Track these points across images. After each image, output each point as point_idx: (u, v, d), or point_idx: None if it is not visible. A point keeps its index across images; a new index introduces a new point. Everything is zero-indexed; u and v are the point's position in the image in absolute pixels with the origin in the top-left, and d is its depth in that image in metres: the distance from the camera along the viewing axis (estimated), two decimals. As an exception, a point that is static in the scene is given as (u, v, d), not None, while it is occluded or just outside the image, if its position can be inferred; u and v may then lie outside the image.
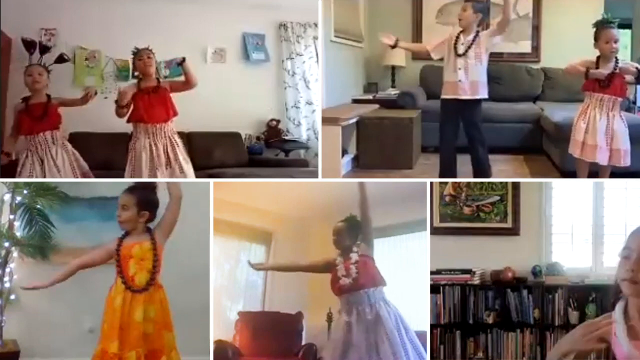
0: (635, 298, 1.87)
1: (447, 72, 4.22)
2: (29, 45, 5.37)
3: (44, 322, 4.24)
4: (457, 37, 4.18)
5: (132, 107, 4.16)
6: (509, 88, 6.83)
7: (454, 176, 4.42)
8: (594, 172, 4.15)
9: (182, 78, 4.42)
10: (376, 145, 5.42)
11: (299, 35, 6.53)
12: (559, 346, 2.02)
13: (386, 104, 6.35)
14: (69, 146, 4.21)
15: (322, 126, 4.80)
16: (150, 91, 4.17)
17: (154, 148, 4.14)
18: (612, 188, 4.72)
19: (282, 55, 6.52)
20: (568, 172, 4.67)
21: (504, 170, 5.27)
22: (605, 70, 3.89)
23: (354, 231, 3.48)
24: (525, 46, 7.23)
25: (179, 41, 5.94)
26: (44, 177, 4.04)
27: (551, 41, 7.15)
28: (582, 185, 4.69)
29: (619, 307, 1.92)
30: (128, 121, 4.19)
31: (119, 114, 4.17)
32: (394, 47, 4.51)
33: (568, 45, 6.51)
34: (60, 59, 5.47)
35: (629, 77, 3.93)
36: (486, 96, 4.27)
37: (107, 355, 2.91)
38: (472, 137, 4.31)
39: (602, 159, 3.95)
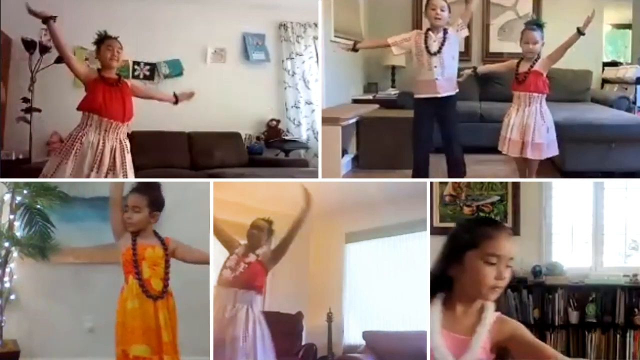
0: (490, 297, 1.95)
1: (421, 71, 4.22)
2: (29, 45, 5.40)
3: (44, 322, 4.24)
4: (427, 36, 4.17)
5: (86, 94, 3.81)
6: (509, 88, 6.82)
7: (427, 176, 4.39)
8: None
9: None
10: (376, 145, 5.42)
11: (299, 35, 6.53)
12: None
13: (386, 104, 6.34)
14: None
15: (322, 126, 4.80)
16: (113, 83, 3.80)
17: (100, 147, 3.75)
18: (612, 188, 4.72)
19: (282, 55, 6.52)
20: (568, 172, 4.67)
21: (504, 170, 5.27)
22: (522, 69, 4.07)
23: (267, 236, 3.54)
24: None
25: (179, 41, 5.95)
26: None
27: (551, 41, 7.13)
28: (582, 185, 4.70)
29: (439, 300, 1.97)
30: (79, 108, 3.82)
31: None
32: (355, 50, 4.51)
33: (568, 45, 6.49)
34: (60, 59, 5.50)
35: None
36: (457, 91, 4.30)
37: (128, 357, 2.83)
38: (450, 136, 4.30)
39: (512, 151, 4.11)
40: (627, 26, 7.73)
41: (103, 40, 3.81)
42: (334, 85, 5.76)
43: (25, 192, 4.03)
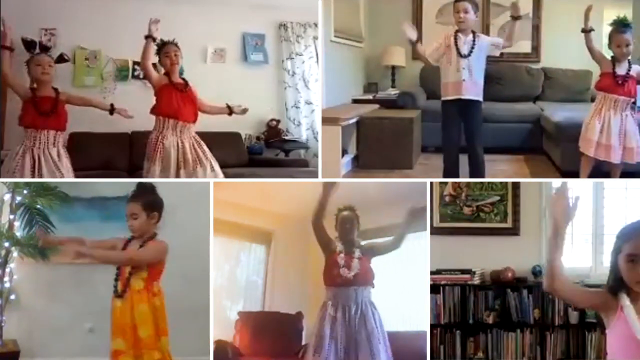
0: None
1: (449, 72, 4.17)
2: (29, 45, 5.39)
3: (44, 322, 4.25)
4: (456, 38, 4.16)
5: (158, 99, 4.12)
6: (509, 88, 6.83)
7: (458, 176, 4.41)
8: (606, 172, 4.24)
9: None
10: (376, 145, 5.42)
11: (299, 35, 6.53)
12: None
13: (386, 104, 6.34)
14: (65, 152, 4.05)
15: (322, 126, 4.81)
16: (182, 89, 4.13)
17: (180, 146, 4.10)
18: (612, 188, 4.72)
19: (282, 55, 6.51)
20: (568, 172, 4.67)
21: (504, 170, 5.27)
22: (621, 71, 4.05)
23: (356, 223, 3.54)
24: (525, 46, 7.22)
25: (179, 41, 5.94)
26: (34, 177, 3.86)
27: (551, 41, 7.15)
28: (582, 185, 4.69)
29: (626, 299, 2.13)
30: (154, 113, 4.11)
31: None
32: (414, 43, 4.33)
33: (568, 45, 6.50)
34: (60, 59, 5.50)
35: None
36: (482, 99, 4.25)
37: (116, 352, 2.93)
38: (473, 139, 4.28)
39: (616, 157, 4.10)
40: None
41: (161, 48, 4.13)
42: (334, 85, 5.76)
43: (25, 192, 4.03)
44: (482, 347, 4.52)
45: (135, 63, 5.92)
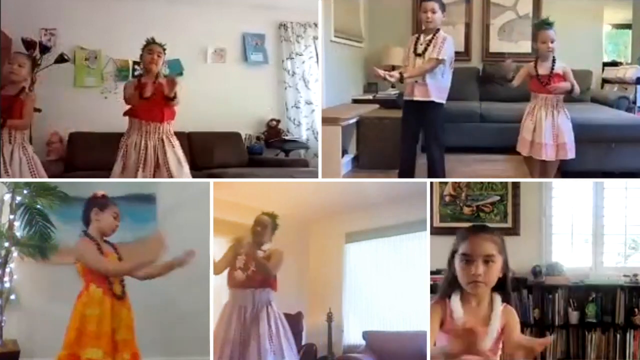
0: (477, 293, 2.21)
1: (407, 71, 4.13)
2: (29, 45, 5.40)
3: (44, 322, 4.24)
4: (418, 38, 4.11)
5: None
6: (509, 88, 6.82)
7: (412, 175, 4.36)
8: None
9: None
10: (376, 145, 5.42)
11: (299, 35, 6.53)
12: None
13: (386, 104, 6.33)
14: (30, 150, 3.92)
15: (322, 126, 4.80)
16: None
17: (142, 146, 4.00)
18: (612, 188, 4.72)
19: (282, 55, 6.52)
20: (568, 172, 4.67)
21: (503, 170, 5.27)
22: (543, 71, 4.09)
23: (272, 229, 3.59)
24: (525, 46, 7.22)
25: (179, 41, 5.95)
26: None
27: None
28: (582, 185, 4.70)
29: (456, 296, 2.24)
30: (125, 114, 4.07)
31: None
32: (401, 81, 4.21)
33: (568, 45, 6.49)
34: (60, 59, 5.51)
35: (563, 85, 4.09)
36: (442, 101, 4.10)
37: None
38: (429, 141, 4.20)
39: (549, 155, 4.12)
40: (627, 26, 7.73)
41: (145, 46, 4.08)
42: (334, 85, 5.76)
43: (25, 192, 4.02)
44: (482, 347, 4.51)
45: (135, 63, 5.93)
